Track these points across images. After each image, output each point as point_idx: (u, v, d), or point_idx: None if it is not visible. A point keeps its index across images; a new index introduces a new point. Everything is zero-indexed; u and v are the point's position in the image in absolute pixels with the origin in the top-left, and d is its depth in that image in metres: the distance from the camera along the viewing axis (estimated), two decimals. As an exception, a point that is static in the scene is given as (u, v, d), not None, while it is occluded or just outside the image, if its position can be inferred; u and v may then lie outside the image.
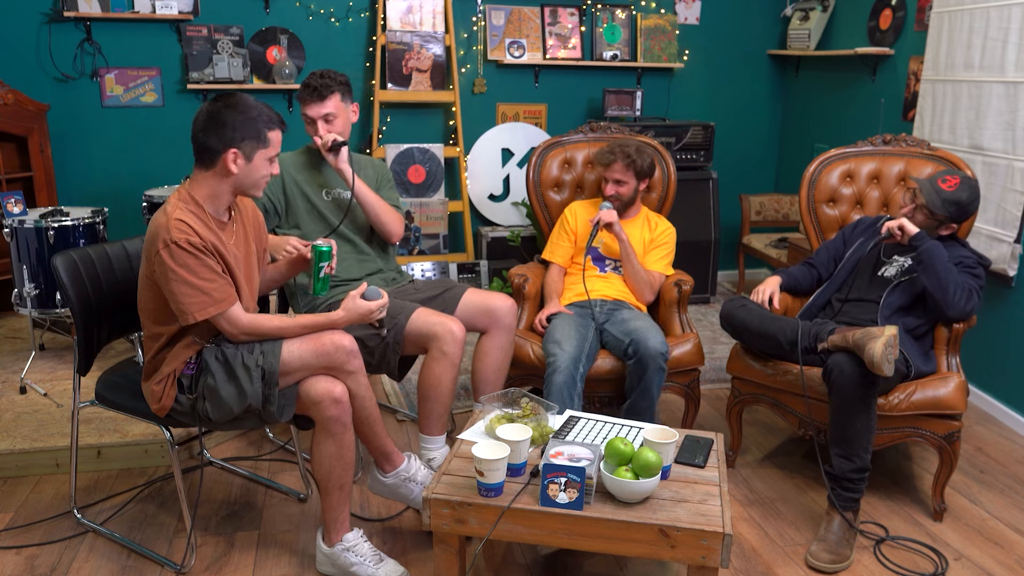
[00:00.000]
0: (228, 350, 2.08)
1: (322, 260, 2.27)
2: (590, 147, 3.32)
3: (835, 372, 2.36)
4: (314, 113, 2.63)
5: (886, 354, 2.24)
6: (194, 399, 2.11)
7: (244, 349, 2.08)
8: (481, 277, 4.56)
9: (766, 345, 2.62)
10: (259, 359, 2.05)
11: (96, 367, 2.39)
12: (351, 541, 2.17)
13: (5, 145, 3.96)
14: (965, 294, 2.49)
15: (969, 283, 2.52)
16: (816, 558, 2.31)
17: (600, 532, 1.81)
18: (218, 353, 2.09)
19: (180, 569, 2.24)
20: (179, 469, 2.23)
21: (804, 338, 2.52)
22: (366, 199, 2.68)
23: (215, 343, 2.12)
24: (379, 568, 2.15)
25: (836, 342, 2.40)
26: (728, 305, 2.72)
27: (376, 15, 4.48)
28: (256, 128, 2.03)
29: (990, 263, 2.67)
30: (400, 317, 2.48)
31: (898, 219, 2.55)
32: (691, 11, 4.96)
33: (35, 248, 3.31)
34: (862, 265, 2.73)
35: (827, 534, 2.37)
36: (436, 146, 4.61)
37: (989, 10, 3.31)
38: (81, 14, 4.04)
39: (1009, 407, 3.32)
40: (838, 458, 2.39)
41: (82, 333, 2.22)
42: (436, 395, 2.47)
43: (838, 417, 2.38)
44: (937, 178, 2.61)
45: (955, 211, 2.57)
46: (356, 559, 2.15)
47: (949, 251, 2.57)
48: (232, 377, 2.06)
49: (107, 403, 2.31)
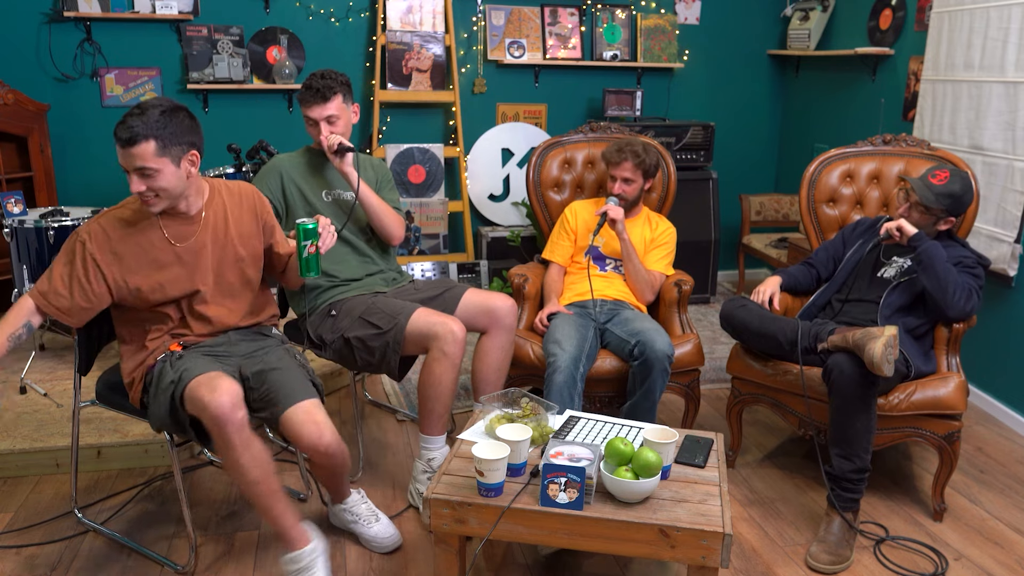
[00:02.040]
0: (167, 368, 2.10)
1: (307, 239, 2.12)
2: (590, 147, 3.32)
3: (835, 372, 2.35)
4: (317, 115, 2.62)
5: (886, 354, 2.24)
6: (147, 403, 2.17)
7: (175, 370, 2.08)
8: (481, 277, 4.56)
9: (766, 345, 2.62)
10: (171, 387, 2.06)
11: (96, 367, 2.39)
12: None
13: (5, 145, 3.96)
14: (965, 294, 2.49)
15: (969, 283, 2.52)
16: (816, 559, 2.32)
17: (600, 532, 1.81)
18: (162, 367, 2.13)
19: (181, 569, 2.24)
20: (179, 469, 2.23)
21: (804, 338, 2.52)
22: (369, 202, 2.68)
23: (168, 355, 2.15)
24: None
25: (836, 342, 2.40)
26: (728, 305, 2.72)
27: (376, 15, 4.48)
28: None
29: (990, 263, 2.67)
30: (400, 317, 2.48)
31: (896, 220, 2.56)
32: (691, 11, 4.96)
33: (35, 248, 3.30)
34: (861, 266, 2.73)
35: (827, 535, 2.37)
36: (436, 146, 4.61)
37: (989, 10, 3.31)
38: (81, 14, 4.04)
39: (1009, 407, 3.32)
40: (838, 458, 2.39)
41: (82, 333, 2.22)
42: (436, 394, 2.47)
43: (838, 417, 2.37)
44: (927, 174, 2.61)
45: (949, 204, 2.57)
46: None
47: (948, 251, 2.57)
48: (156, 392, 2.10)
49: (107, 403, 2.32)
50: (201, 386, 1.97)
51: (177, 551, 2.33)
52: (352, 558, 2.32)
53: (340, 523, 2.43)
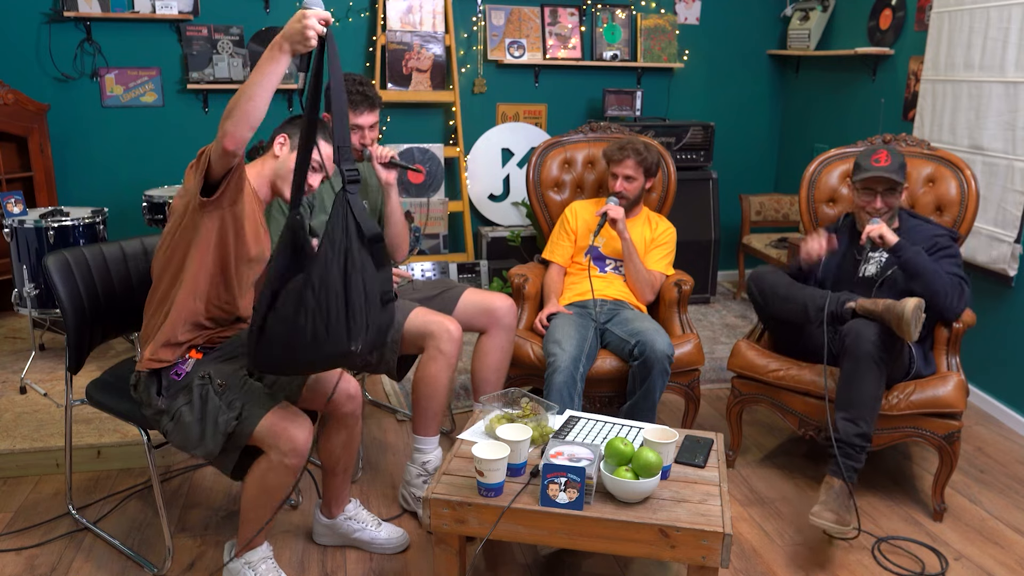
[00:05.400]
0: (211, 394, 2.00)
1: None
2: (590, 147, 3.32)
3: (852, 334, 2.39)
4: (366, 121, 2.59)
5: (916, 314, 2.30)
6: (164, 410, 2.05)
7: (226, 402, 1.98)
8: (481, 277, 4.56)
9: (790, 311, 2.60)
10: (231, 424, 1.95)
11: (96, 367, 2.40)
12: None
13: (5, 145, 3.96)
14: (957, 292, 2.52)
15: (956, 276, 2.55)
16: (821, 517, 2.25)
17: (600, 532, 1.81)
18: (203, 390, 2.01)
19: (157, 572, 2.23)
20: (155, 472, 2.20)
21: (832, 304, 2.52)
22: (394, 216, 2.67)
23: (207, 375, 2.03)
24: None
25: (866, 305, 2.44)
26: (760, 269, 2.74)
27: (376, 15, 4.48)
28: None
29: (959, 234, 2.71)
30: (399, 316, 2.48)
31: (876, 227, 2.53)
32: (691, 11, 4.96)
33: (35, 248, 3.31)
34: (844, 268, 2.73)
35: (828, 498, 2.31)
36: (436, 146, 4.61)
37: (989, 10, 3.31)
38: (81, 14, 4.04)
39: (1009, 407, 3.32)
40: (844, 421, 2.39)
41: (73, 332, 2.22)
42: (432, 393, 2.46)
43: (848, 380, 2.40)
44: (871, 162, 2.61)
45: (905, 171, 2.63)
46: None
47: (922, 231, 2.61)
48: (201, 421, 1.99)
49: (94, 403, 2.29)
50: (276, 423, 1.94)
51: (176, 550, 2.33)
52: (352, 560, 2.32)
53: (339, 537, 2.36)
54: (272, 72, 1.77)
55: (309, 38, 1.72)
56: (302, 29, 1.71)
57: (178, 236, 2.00)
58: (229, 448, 1.98)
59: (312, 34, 1.72)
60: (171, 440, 2.07)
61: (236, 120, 1.81)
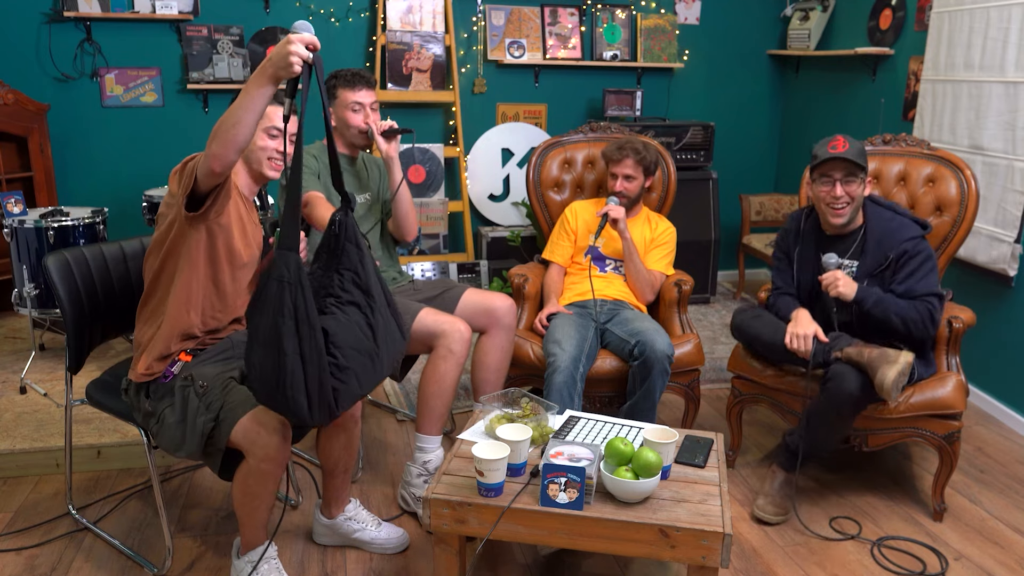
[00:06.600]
0: (192, 396, 1.98)
1: None
2: (590, 147, 3.32)
3: (835, 380, 2.37)
4: (365, 98, 2.61)
5: (897, 382, 2.29)
6: (151, 412, 2.06)
7: (205, 404, 1.95)
8: (481, 277, 4.56)
9: (779, 357, 2.61)
10: (208, 426, 1.93)
11: (96, 367, 2.40)
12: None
13: (5, 145, 3.96)
14: (928, 318, 2.46)
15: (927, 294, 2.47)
16: (763, 510, 2.52)
17: (600, 532, 1.81)
18: (185, 392, 2.00)
19: (157, 572, 2.23)
20: (155, 472, 2.20)
21: (818, 354, 2.47)
22: (403, 193, 2.67)
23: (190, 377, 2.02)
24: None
25: (851, 355, 2.40)
26: (740, 316, 2.70)
27: (376, 15, 4.48)
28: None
29: (930, 227, 2.61)
30: (406, 317, 2.47)
31: (831, 283, 2.48)
32: (691, 11, 4.96)
33: (35, 248, 3.31)
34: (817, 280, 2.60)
35: (770, 489, 2.56)
36: (436, 146, 4.61)
37: (989, 10, 3.31)
38: (81, 14, 4.04)
39: (1009, 407, 3.32)
40: (798, 438, 2.50)
41: (72, 332, 2.22)
42: (439, 392, 2.46)
43: (818, 419, 2.44)
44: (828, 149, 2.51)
45: (866, 157, 2.53)
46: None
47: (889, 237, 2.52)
48: (182, 423, 1.99)
49: (94, 403, 2.30)
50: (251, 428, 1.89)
51: (176, 550, 2.33)
52: (351, 560, 2.32)
53: (339, 537, 2.36)
54: (258, 96, 1.74)
55: (292, 64, 1.66)
56: (286, 55, 1.67)
57: (168, 245, 2.02)
58: (210, 450, 1.97)
59: (296, 59, 1.66)
60: (158, 442, 2.07)
61: (222, 143, 1.79)
